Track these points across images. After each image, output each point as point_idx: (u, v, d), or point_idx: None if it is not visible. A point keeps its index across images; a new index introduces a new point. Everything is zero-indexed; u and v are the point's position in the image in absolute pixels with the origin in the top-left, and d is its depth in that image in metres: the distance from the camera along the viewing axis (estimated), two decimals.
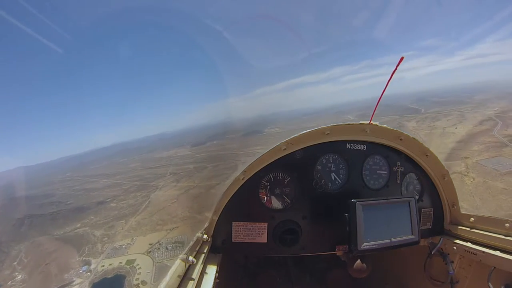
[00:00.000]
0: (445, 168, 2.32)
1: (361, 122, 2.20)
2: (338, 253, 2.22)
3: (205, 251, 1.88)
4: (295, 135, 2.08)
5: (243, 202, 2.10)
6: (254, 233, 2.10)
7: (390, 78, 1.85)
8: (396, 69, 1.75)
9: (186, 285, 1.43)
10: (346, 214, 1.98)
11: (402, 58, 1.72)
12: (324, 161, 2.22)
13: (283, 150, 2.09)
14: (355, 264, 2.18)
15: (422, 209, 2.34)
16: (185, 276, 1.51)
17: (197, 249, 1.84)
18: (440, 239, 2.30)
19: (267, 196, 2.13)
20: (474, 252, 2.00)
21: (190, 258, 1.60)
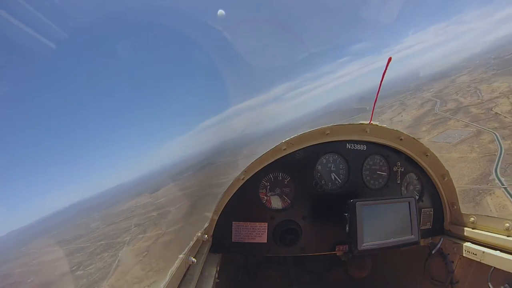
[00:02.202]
0: (445, 168, 2.32)
1: (361, 122, 2.20)
2: (338, 253, 2.21)
3: (205, 251, 1.88)
4: (295, 135, 2.08)
5: (243, 202, 2.10)
6: (254, 233, 2.10)
7: (382, 79, 1.91)
8: (386, 70, 1.82)
9: (186, 285, 1.43)
10: (346, 214, 1.98)
11: (390, 59, 1.79)
12: (324, 161, 2.22)
13: (283, 150, 2.09)
14: (355, 264, 2.18)
15: (422, 209, 2.34)
16: (185, 276, 1.51)
17: (197, 249, 1.84)
18: (440, 239, 2.30)
19: (267, 196, 2.13)
20: (474, 252, 2.00)
21: (190, 258, 1.60)
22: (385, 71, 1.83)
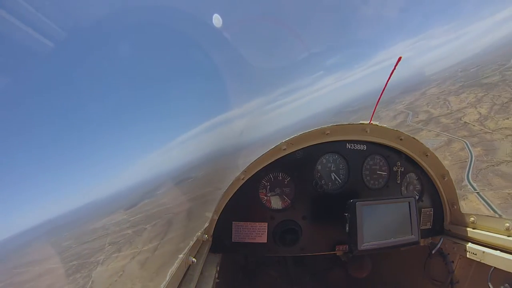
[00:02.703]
0: (445, 168, 2.32)
1: (361, 122, 2.20)
2: (338, 253, 2.21)
3: (205, 251, 1.88)
4: (295, 135, 2.08)
5: (243, 202, 2.10)
6: (254, 233, 2.10)
7: (389, 78, 1.89)
8: (394, 69, 1.80)
9: (186, 285, 1.43)
10: (346, 214, 1.98)
11: (400, 58, 1.78)
12: (324, 161, 2.22)
13: (283, 150, 2.09)
14: (355, 264, 2.18)
15: (422, 209, 2.34)
16: (185, 276, 1.51)
17: (197, 249, 1.84)
18: (440, 239, 2.30)
19: (267, 196, 2.13)
20: (474, 252, 2.00)
21: (190, 258, 1.60)
22: (393, 71, 1.82)
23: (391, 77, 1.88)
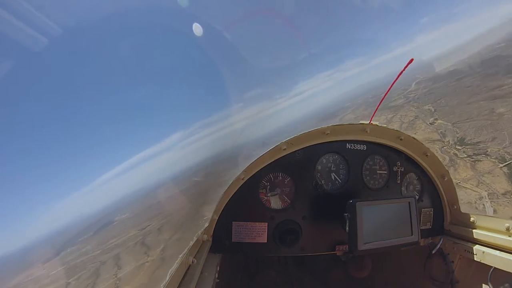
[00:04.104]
0: (445, 168, 2.32)
1: (361, 122, 2.20)
2: (338, 253, 2.21)
3: (205, 251, 1.87)
4: (296, 135, 2.08)
5: (243, 202, 2.10)
6: (254, 233, 2.10)
7: (397, 79, 1.89)
8: (404, 70, 1.81)
9: (186, 285, 1.43)
10: (346, 214, 1.98)
11: (411, 60, 1.79)
12: (324, 161, 2.22)
13: (283, 150, 2.09)
14: (355, 264, 2.17)
15: (422, 209, 2.34)
16: (185, 276, 1.51)
17: (197, 249, 1.84)
18: (440, 239, 2.30)
19: (266, 196, 2.13)
20: (474, 252, 2.00)
21: (190, 258, 1.60)
22: (402, 71, 1.82)
23: (398, 78, 1.88)
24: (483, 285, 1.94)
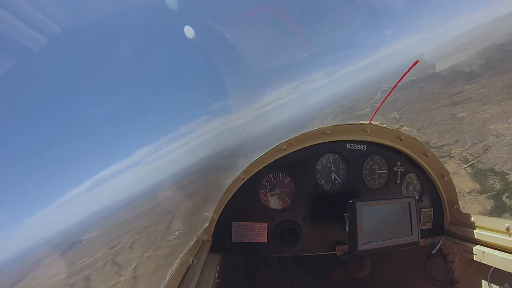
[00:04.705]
0: (445, 168, 2.32)
1: (361, 122, 2.20)
2: (338, 253, 2.21)
3: (205, 251, 1.87)
4: (296, 135, 2.08)
5: (243, 202, 2.10)
6: (254, 233, 2.10)
7: (401, 78, 1.89)
8: (408, 71, 1.82)
9: (186, 285, 1.43)
10: (346, 214, 1.98)
11: (416, 62, 1.81)
12: (324, 161, 2.22)
13: (283, 150, 2.09)
14: (355, 264, 2.17)
15: (422, 209, 2.34)
16: (185, 276, 1.51)
17: (197, 249, 1.84)
18: (440, 239, 2.30)
19: (266, 196, 2.13)
20: (474, 252, 2.00)
21: (190, 258, 1.60)
22: (406, 72, 1.84)
23: (402, 78, 1.89)
24: (483, 285, 1.94)
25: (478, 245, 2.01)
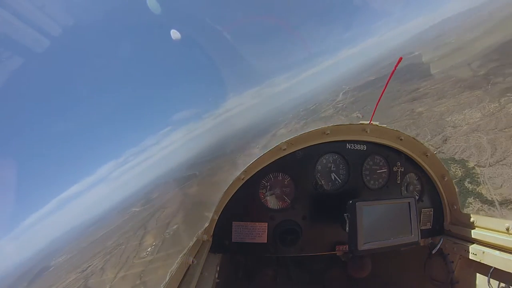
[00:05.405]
0: (445, 168, 2.32)
1: (361, 122, 2.20)
2: (338, 253, 2.21)
3: (205, 251, 1.87)
4: (296, 135, 2.08)
5: (243, 202, 2.10)
6: (254, 233, 2.10)
7: (389, 79, 1.90)
8: (394, 69, 1.83)
9: (186, 285, 1.43)
10: (346, 214, 1.98)
11: (400, 58, 1.82)
12: (324, 161, 2.22)
13: (284, 150, 2.09)
14: (355, 264, 2.17)
15: (422, 209, 2.34)
16: (185, 276, 1.51)
17: (197, 249, 1.84)
18: (440, 239, 2.30)
19: (266, 196, 2.13)
20: (474, 252, 2.00)
21: (190, 258, 1.59)
22: (393, 71, 1.86)
23: (391, 78, 1.90)
24: (483, 285, 1.94)
25: (478, 245, 2.01)
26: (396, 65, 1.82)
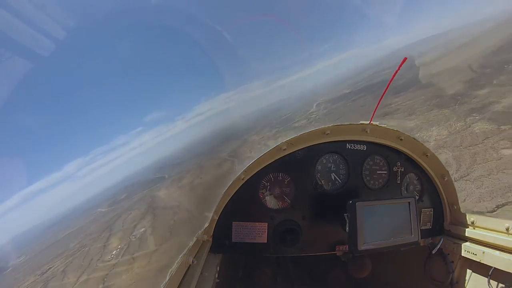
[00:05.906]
0: (445, 168, 2.32)
1: (361, 122, 2.20)
2: (338, 253, 2.21)
3: (205, 251, 1.87)
4: (296, 135, 2.08)
5: (243, 202, 2.10)
6: (254, 233, 2.10)
7: (391, 80, 1.89)
8: (398, 69, 1.82)
9: (186, 285, 1.43)
10: (346, 214, 1.98)
11: (405, 59, 1.81)
12: (324, 161, 2.22)
13: (283, 150, 2.09)
14: (355, 264, 2.17)
15: (422, 209, 2.34)
16: (185, 276, 1.51)
17: (197, 249, 1.84)
18: (440, 239, 2.30)
19: (266, 196, 2.13)
20: (474, 252, 2.00)
21: (190, 258, 1.59)
22: (396, 71, 1.85)
23: (394, 77, 1.90)
24: (483, 285, 1.94)
25: (478, 245, 2.01)
26: (400, 65, 1.81)
